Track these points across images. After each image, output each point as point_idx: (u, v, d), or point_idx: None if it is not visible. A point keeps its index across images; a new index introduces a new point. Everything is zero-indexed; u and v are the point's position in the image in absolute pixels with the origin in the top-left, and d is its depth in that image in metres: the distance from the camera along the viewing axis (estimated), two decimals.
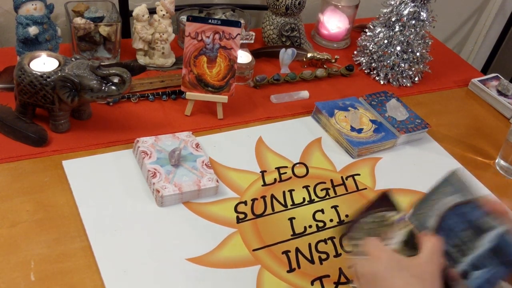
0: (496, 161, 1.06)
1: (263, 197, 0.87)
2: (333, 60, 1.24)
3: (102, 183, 0.84)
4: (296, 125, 1.05)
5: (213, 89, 0.99)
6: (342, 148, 1.01)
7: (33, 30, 0.96)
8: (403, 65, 1.22)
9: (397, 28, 1.19)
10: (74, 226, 0.76)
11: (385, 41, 1.21)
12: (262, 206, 0.86)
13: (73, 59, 0.89)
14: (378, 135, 1.02)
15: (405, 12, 1.17)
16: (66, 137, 0.91)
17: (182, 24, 1.18)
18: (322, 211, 0.87)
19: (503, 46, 2.02)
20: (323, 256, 0.80)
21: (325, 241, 0.82)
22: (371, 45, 1.24)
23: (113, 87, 0.87)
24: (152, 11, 1.09)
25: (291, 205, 0.87)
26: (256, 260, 0.77)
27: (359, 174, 0.96)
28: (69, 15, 1.06)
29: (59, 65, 0.88)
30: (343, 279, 0.77)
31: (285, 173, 0.93)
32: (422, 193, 0.94)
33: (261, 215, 0.84)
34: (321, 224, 0.85)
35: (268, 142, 0.99)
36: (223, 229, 0.81)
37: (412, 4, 1.17)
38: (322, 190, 0.91)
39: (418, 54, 1.22)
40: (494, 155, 1.08)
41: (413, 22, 1.18)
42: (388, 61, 1.22)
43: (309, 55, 1.23)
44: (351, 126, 1.03)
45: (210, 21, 0.94)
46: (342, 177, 0.94)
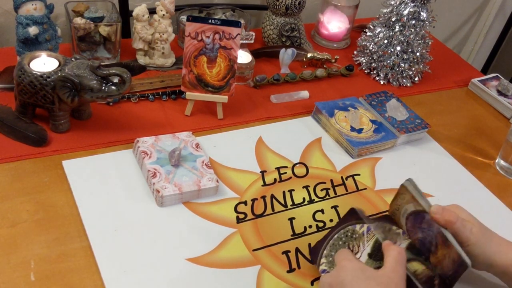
0: (496, 161, 1.06)
1: (263, 197, 0.88)
2: (333, 60, 1.24)
3: (102, 183, 0.84)
4: (296, 125, 1.05)
5: (213, 89, 0.99)
6: (342, 148, 1.01)
7: (33, 30, 0.96)
8: (403, 65, 1.22)
9: (397, 28, 1.19)
10: (74, 226, 0.76)
11: (385, 41, 1.21)
12: (262, 206, 0.86)
13: (73, 59, 0.89)
14: (378, 135, 1.02)
15: (405, 12, 1.17)
16: (66, 137, 0.91)
17: (182, 24, 1.18)
18: (322, 211, 0.87)
19: (503, 46, 2.02)
20: None
21: None
22: (371, 45, 1.24)
23: (113, 87, 0.87)
24: (152, 11, 1.09)
25: (291, 205, 0.87)
26: (256, 260, 0.77)
27: (359, 174, 0.96)
28: (69, 15, 1.06)
29: (59, 65, 0.88)
30: None
31: (285, 173, 0.93)
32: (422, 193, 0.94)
33: (261, 215, 0.84)
34: (321, 224, 0.85)
35: (268, 142, 0.99)
36: (223, 229, 0.81)
37: (412, 4, 1.17)
38: (322, 190, 0.91)
39: (418, 54, 1.22)
40: (494, 155, 1.08)
41: (413, 22, 1.18)
42: (388, 61, 1.22)
43: (309, 55, 1.23)
44: (351, 126, 1.03)
45: (210, 21, 0.94)
46: (342, 177, 0.94)
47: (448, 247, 0.70)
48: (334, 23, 1.32)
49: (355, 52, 1.31)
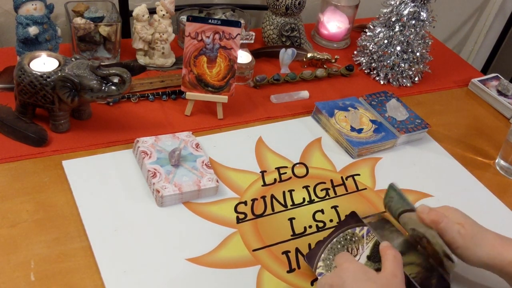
0: (496, 161, 1.06)
1: (263, 197, 0.87)
2: (333, 60, 1.24)
3: (102, 183, 0.84)
4: (296, 125, 1.05)
5: (213, 89, 0.99)
6: (342, 148, 1.01)
7: (33, 30, 0.96)
8: (403, 65, 1.22)
9: (397, 28, 1.19)
10: (74, 226, 0.76)
11: (385, 41, 1.21)
12: (262, 206, 0.86)
13: (73, 59, 0.89)
14: (378, 135, 1.02)
15: (405, 12, 1.17)
16: (66, 137, 0.91)
17: (182, 24, 1.18)
18: (322, 211, 0.87)
19: (503, 46, 2.02)
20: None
21: None
22: (371, 45, 1.24)
23: (113, 87, 0.87)
24: (152, 11, 1.09)
25: (291, 205, 0.87)
26: (256, 260, 0.77)
27: (359, 174, 0.96)
28: (69, 15, 1.06)
29: (59, 65, 0.88)
30: None
31: (285, 173, 0.93)
32: (422, 193, 0.94)
33: (261, 215, 0.84)
34: (321, 225, 0.85)
35: (268, 142, 0.99)
36: (223, 229, 0.81)
37: (412, 4, 1.17)
38: (322, 190, 0.91)
39: (418, 54, 1.22)
40: (494, 155, 1.08)
41: (413, 22, 1.18)
42: (388, 61, 1.22)
43: (309, 55, 1.23)
44: (351, 126, 1.03)
45: (210, 21, 0.94)
46: (342, 177, 0.94)
47: (434, 249, 0.70)
48: (334, 23, 1.32)
49: (355, 52, 1.31)
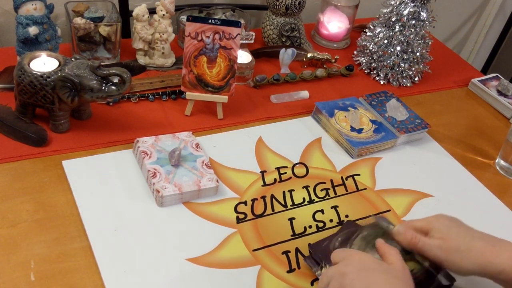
0: (496, 161, 1.06)
1: (263, 197, 0.87)
2: (333, 60, 1.24)
3: (102, 183, 0.84)
4: (296, 125, 1.05)
5: (213, 89, 0.99)
6: (342, 148, 1.01)
7: (33, 30, 0.96)
8: (403, 65, 1.22)
9: (397, 28, 1.19)
10: (74, 226, 0.76)
11: (385, 41, 1.21)
12: (262, 206, 0.86)
13: (73, 59, 0.89)
14: (378, 135, 1.02)
15: (405, 12, 1.17)
16: (66, 137, 0.91)
17: (182, 24, 1.18)
18: (322, 211, 0.87)
19: (503, 46, 2.02)
20: None
21: None
22: (371, 45, 1.24)
23: (113, 87, 0.87)
24: (152, 11, 1.09)
25: (291, 205, 0.87)
26: (256, 260, 0.77)
27: (359, 174, 0.96)
28: (69, 15, 1.06)
29: (59, 65, 0.88)
30: None
31: (285, 173, 0.93)
32: (422, 193, 0.94)
33: (261, 215, 0.84)
34: (321, 225, 0.85)
35: (268, 142, 0.99)
36: (223, 229, 0.81)
37: (412, 4, 1.17)
38: (322, 190, 0.91)
39: (418, 54, 1.22)
40: (494, 155, 1.07)
41: (413, 22, 1.18)
42: (388, 61, 1.22)
43: (309, 55, 1.23)
44: (351, 126, 1.02)
45: (210, 21, 0.94)
46: (342, 177, 0.94)
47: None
48: (334, 23, 1.32)
49: (355, 52, 1.31)
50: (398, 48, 1.21)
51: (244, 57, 1.13)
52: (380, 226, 0.75)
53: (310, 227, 0.84)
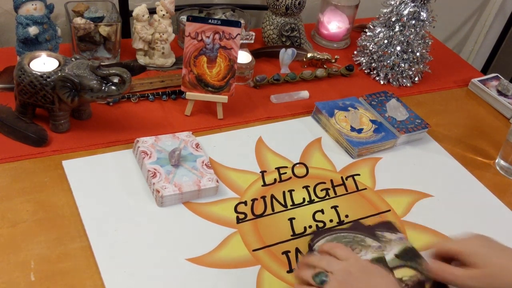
0: (496, 161, 1.06)
1: (263, 197, 0.87)
2: (333, 60, 1.24)
3: (102, 183, 0.84)
4: (296, 125, 1.05)
5: (213, 89, 0.99)
6: (342, 148, 1.01)
7: (33, 30, 0.96)
8: (403, 65, 1.22)
9: (397, 28, 1.19)
10: (74, 226, 0.76)
11: (385, 41, 1.21)
12: (262, 206, 0.86)
13: (73, 59, 0.89)
14: (378, 135, 1.02)
15: (405, 12, 1.17)
16: (66, 137, 0.91)
17: (182, 24, 1.18)
18: (322, 211, 0.87)
19: (503, 46, 2.02)
20: None
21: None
22: (371, 45, 1.24)
23: (113, 87, 0.87)
24: (152, 11, 1.09)
25: (291, 205, 0.87)
26: (256, 260, 0.77)
27: (359, 174, 0.96)
28: (69, 15, 1.06)
29: (59, 65, 0.88)
30: None
31: (285, 173, 0.93)
32: (422, 193, 0.94)
33: (261, 215, 0.84)
34: (321, 225, 0.85)
35: (268, 142, 0.99)
36: (223, 229, 0.81)
37: (412, 4, 1.17)
38: (322, 190, 0.91)
39: (418, 54, 1.22)
40: (494, 155, 1.07)
41: (413, 22, 1.18)
42: (388, 61, 1.22)
43: (309, 55, 1.23)
44: (351, 126, 1.02)
45: (210, 21, 0.94)
46: (342, 177, 0.94)
47: None
48: (334, 23, 1.32)
49: (355, 52, 1.31)
50: (398, 48, 1.21)
51: (244, 57, 1.13)
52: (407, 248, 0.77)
53: (310, 227, 0.84)
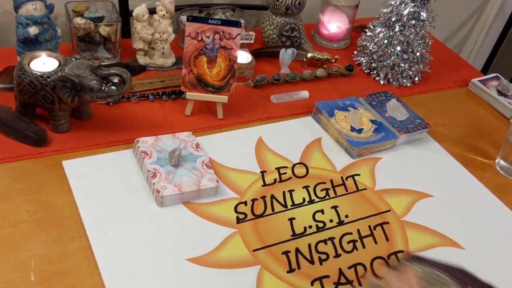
0: (496, 161, 1.06)
1: (263, 197, 0.87)
2: (333, 60, 1.24)
3: (102, 183, 0.84)
4: (296, 125, 1.05)
5: (213, 89, 0.99)
6: (342, 148, 1.01)
7: (33, 30, 0.96)
8: (403, 65, 1.22)
9: (397, 28, 1.19)
10: (74, 226, 0.76)
11: (385, 41, 1.21)
12: (262, 206, 0.86)
13: (73, 59, 0.89)
14: (378, 135, 1.02)
15: (405, 12, 1.17)
16: (66, 137, 0.91)
17: (182, 24, 1.18)
18: (322, 211, 0.87)
19: (503, 46, 2.02)
20: (323, 256, 0.80)
21: (325, 241, 0.82)
22: (371, 45, 1.24)
23: (113, 87, 0.87)
24: (152, 11, 1.09)
25: (291, 206, 0.87)
26: (256, 260, 0.77)
27: (359, 174, 0.96)
28: (69, 15, 1.06)
29: (59, 65, 0.88)
30: (342, 279, 0.77)
31: (285, 173, 0.93)
32: (422, 193, 0.94)
33: (261, 216, 0.84)
34: (321, 225, 0.85)
35: (268, 142, 0.99)
36: (223, 229, 0.81)
37: (412, 4, 1.17)
38: (322, 190, 0.91)
39: (418, 54, 1.22)
40: (494, 155, 1.07)
41: (413, 22, 1.18)
42: (388, 61, 1.22)
43: (309, 55, 1.23)
44: (351, 126, 1.02)
45: (210, 21, 0.94)
46: (342, 177, 0.94)
47: None
48: (334, 23, 1.32)
49: (355, 52, 1.31)
50: (398, 48, 1.21)
51: (244, 57, 1.13)
52: None
53: (310, 227, 0.84)
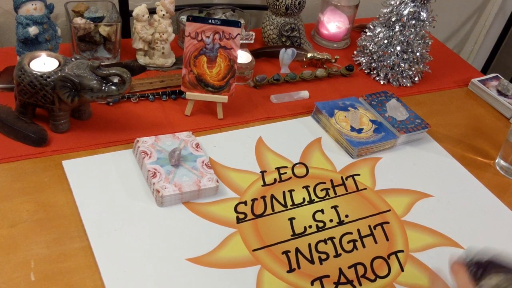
0: (496, 161, 1.06)
1: (263, 197, 0.88)
2: (333, 60, 1.24)
3: (102, 183, 0.84)
4: (296, 125, 1.05)
5: (213, 89, 0.99)
6: (342, 148, 1.01)
7: (33, 30, 0.96)
8: (403, 65, 1.22)
9: (397, 28, 1.19)
10: (74, 226, 0.77)
11: (385, 41, 1.21)
12: (262, 206, 0.86)
13: (73, 59, 0.89)
14: (378, 135, 1.02)
15: (405, 12, 1.17)
16: (66, 137, 0.91)
17: (182, 24, 1.18)
18: (322, 211, 0.87)
19: (503, 46, 2.02)
20: (323, 256, 0.80)
21: (325, 241, 0.82)
22: (371, 45, 1.24)
23: (113, 87, 0.87)
24: (152, 11, 1.09)
25: (291, 205, 0.87)
26: (256, 260, 0.77)
27: (359, 174, 0.96)
28: (69, 15, 1.06)
29: (59, 65, 0.88)
30: (343, 279, 0.77)
31: (285, 173, 0.93)
32: (422, 193, 0.94)
33: (261, 215, 0.84)
34: (321, 225, 0.85)
35: (268, 142, 0.99)
36: (223, 229, 0.81)
37: (412, 4, 1.17)
38: (322, 190, 0.91)
39: (418, 54, 1.22)
40: (494, 155, 1.08)
41: (413, 22, 1.18)
42: (388, 61, 1.22)
43: (309, 55, 1.23)
44: (351, 126, 1.03)
45: (210, 21, 0.94)
46: (342, 177, 0.94)
47: None
48: (334, 23, 1.32)
49: (355, 52, 1.31)
50: (398, 48, 1.21)
51: (244, 57, 1.13)
52: None
53: (310, 227, 0.84)
